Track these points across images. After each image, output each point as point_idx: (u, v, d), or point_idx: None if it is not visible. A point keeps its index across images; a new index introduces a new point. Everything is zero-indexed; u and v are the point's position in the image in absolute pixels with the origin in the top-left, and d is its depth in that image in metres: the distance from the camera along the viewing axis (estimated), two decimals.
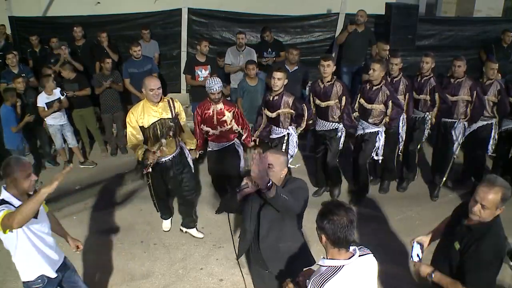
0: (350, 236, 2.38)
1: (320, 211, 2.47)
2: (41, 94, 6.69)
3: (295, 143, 5.79)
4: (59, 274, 3.43)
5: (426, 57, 6.02)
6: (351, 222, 2.38)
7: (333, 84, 5.70)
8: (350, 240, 2.41)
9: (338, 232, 2.36)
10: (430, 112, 6.15)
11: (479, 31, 8.71)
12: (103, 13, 8.67)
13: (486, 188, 2.76)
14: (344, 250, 2.44)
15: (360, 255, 2.48)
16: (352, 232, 2.39)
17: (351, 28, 7.93)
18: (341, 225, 2.35)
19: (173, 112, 4.92)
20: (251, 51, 7.66)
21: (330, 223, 2.37)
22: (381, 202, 6.29)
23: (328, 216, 2.39)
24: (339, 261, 2.42)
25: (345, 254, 2.44)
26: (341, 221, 2.36)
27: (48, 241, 3.32)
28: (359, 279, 2.46)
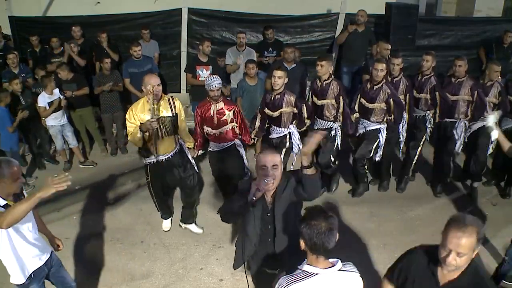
0: (327, 243, 2.34)
1: (301, 216, 2.48)
2: (42, 94, 6.67)
3: (298, 141, 5.79)
4: (44, 267, 3.49)
5: (427, 56, 6.03)
6: (330, 230, 2.34)
7: (330, 83, 5.71)
8: (328, 248, 2.36)
9: (315, 238, 2.34)
10: (430, 111, 6.15)
11: (479, 31, 8.72)
12: (103, 13, 8.67)
13: (458, 233, 2.25)
14: (323, 258, 2.39)
15: (341, 269, 2.42)
16: (329, 240, 2.34)
17: (351, 28, 7.94)
18: (317, 231, 2.33)
19: (173, 110, 4.92)
20: (251, 51, 7.67)
21: (307, 228, 2.36)
22: (381, 201, 6.29)
23: (307, 221, 2.38)
24: (315, 268, 2.39)
25: (323, 263, 2.40)
26: (318, 227, 2.33)
27: (32, 237, 3.35)
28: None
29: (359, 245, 5.38)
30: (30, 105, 6.74)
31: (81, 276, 4.85)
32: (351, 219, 5.86)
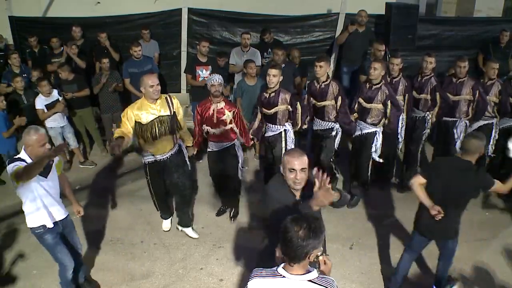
0: (298, 251, 2.27)
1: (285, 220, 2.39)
2: (39, 97, 6.63)
3: (292, 139, 5.80)
4: (59, 225, 4.08)
5: (430, 57, 6.02)
6: (305, 239, 2.25)
7: (329, 84, 5.71)
8: (296, 256, 2.29)
9: (287, 242, 2.29)
10: (430, 112, 6.15)
11: (479, 31, 8.71)
12: (103, 13, 8.66)
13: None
14: (296, 265, 2.33)
15: (312, 280, 2.34)
16: (301, 249, 2.26)
17: (351, 28, 7.94)
18: (291, 237, 2.27)
19: (171, 109, 4.93)
20: (255, 52, 7.66)
21: (283, 230, 2.32)
22: (380, 201, 6.29)
23: (287, 223, 2.32)
24: (284, 271, 2.37)
25: (295, 270, 2.35)
26: (294, 233, 2.27)
27: (53, 198, 3.98)
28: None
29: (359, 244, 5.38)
30: (32, 105, 6.72)
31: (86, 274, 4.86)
32: (351, 218, 5.88)
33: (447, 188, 3.93)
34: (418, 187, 4.06)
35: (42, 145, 3.71)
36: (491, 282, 4.81)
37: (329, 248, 4.96)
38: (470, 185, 3.98)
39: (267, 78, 5.53)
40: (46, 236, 3.99)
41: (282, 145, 5.73)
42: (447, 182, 3.94)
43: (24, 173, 3.52)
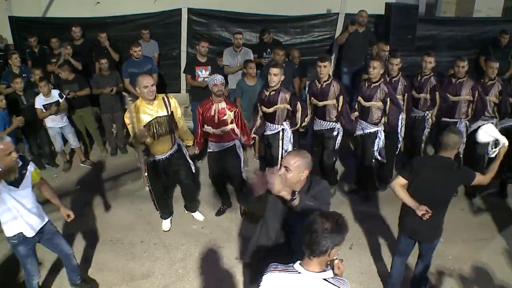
0: (316, 244, 2.29)
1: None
2: (39, 96, 6.65)
3: (290, 139, 5.81)
4: (35, 236, 4.00)
5: (429, 57, 6.04)
6: (328, 232, 2.28)
7: (330, 83, 5.73)
8: (315, 249, 2.30)
9: (308, 233, 2.32)
10: (430, 111, 6.16)
11: (478, 31, 8.71)
12: (103, 13, 8.65)
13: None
14: (314, 261, 2.34)
15: (327, 279, 2.35)
16: (320, 242, 2.28)
17: (352, 28, 7.94)
18: (314, 228, 2.30)
19: (168, 109, 4.94)
20: (248, 51, 7.67)
21: (308, 222, 2.35)
22: (380, 201, 6.29)
23: (314, 216, 2.35)
24: (301, 268, 2.38)
25: (312, 266, 2.36)
26: (317, 225, 2.30)
27: (27, 207, 3.87)
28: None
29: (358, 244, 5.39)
30: (32, 105, 6.73)
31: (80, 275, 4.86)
32: (351, 219, 5.88)
33: (429, 187, 3.88)
34: (399, 188, 4.00)
35: (7, 154, 3.57)
36: (490, 282, 4.82)
37: None
38: (452, 182, 3.97)
39: (268, 77, 5.55)
40: (19, 247, 3.97)
41: (279, 144, 5.75)
42: (429, 181, 3.89)
43: None
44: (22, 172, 3.80)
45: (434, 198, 3.89)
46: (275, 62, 6.84)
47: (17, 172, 3.72)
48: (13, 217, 3.83)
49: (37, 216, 4.00)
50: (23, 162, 3.82)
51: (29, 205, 3.90)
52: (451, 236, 5.55)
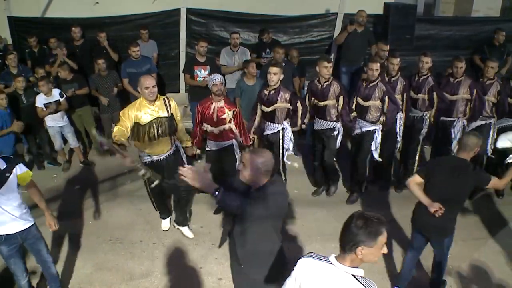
0: (344, 236, 2.33)
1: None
2: (39, 95, 6.69)
3: (290, 138, 5.82)
4: (17, 236, 3.92)
5: (426, 57, 6.05)
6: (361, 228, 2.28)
7: (331, 84, 5.75)
8: (343, 241, 2.34)
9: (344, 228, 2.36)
10: (428, 112, 6.18)
11: (477, 31, 8.73)
12: (102, 13, 8.67)
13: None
14: (347, 257, 2.35)
15: (355, 276, 2.34)
16: (347, 235, 2.31)
17: (350, 28, 7.95)
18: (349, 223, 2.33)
19: (169, 111, 4.95)
20: (245, 51, 7.70)
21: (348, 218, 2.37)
22: (380, 201, 6.32)
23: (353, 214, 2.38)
24: (335, 260, 2.40)
25: (345, 261, 2.36)
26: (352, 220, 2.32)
27: (6, 209, 3.76)
28: (325, 286, 2.40)
29: None
30: (32, 105, 6.75)
31: (80, 275, 4.88)
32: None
33: (444, 186, 3.98)
34: (414, 186, 4.10)
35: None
36: (489, 280, 4.85)
37: (327, 247, 5.02)
38: (467, 183, 4.03)
39: (267, 76, 5.57)
40: (1, 246, 3.92)
41: (280, 143, 5.76)
42: (444, 180, 3.99)
43: None
44: (5, 175, 3.68)
45: (447, 197, 3.97)
46: (276, 61, 6.87)
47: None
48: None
49: (19, 219, 3.89)
50: (7, 164, 3.71)
51: (9, 208, 3.79)
52: None
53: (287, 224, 5.81)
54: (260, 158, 3.02)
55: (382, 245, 2.32)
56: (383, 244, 2.32)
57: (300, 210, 6.06)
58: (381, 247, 2.32)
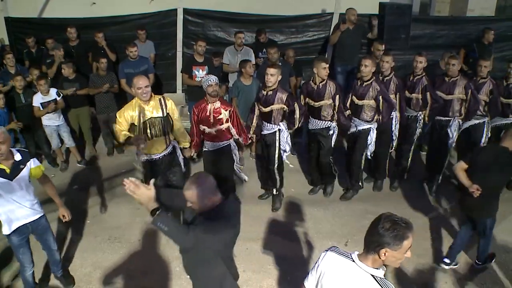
0: (369, 236, 2.38)
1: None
2: (37, 94, 6.71)
3: (286, 139, 5.86)
4: (28, 227, 4.16)
5: (420, 57, 6.10)
6: (387, 230, 2.30)
7: (326, 84, 5.79)
8: (367, 241, 2.39)
9: (369, 229, 2.41)
10: (422, 112, 6.24)
11: (472, 30, 8.78)
12: (99, 14, 8.69)
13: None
14: (370, 256, 2.38)
15: (374, 276, 2.38)
16: (372, 235, 2.36)
17: (343, 27, 7.95)
18: (375, 225, 2.36)
19: (164, 111, 4.97)
20: (249, 51, 7.72)
21: (375, 219, 2.40)
22: (375, 200, 6.37)
23: (381, 214, 2.41)
24: (356, 257, 2.45)
25: (367, 261, 2.40)
26: (378, 222, 2.36)
27: (17, 200, 3.98)
28: (344, 282, 2.45)
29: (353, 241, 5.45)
30: (30, 104, 6.77)
31: (78, 274, 4.91)
32: (346, 216, 5.95)
33: (484, 172, 4.42)
34: (459, 170, 4.60)
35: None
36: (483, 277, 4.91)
37: (324, 245, 5.03)
38: (506, 170, 4.48)
39: (265, 77, 5.60)
40: (12, 237, 4.12)
41: (276, 144, 5.81)
42: (486, 165, 4.44)
43: None
44: (20, 166, 3.94)
45: (487, 181, 4.40)
46: (270, 61, 6.91)
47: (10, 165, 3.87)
48: (4, 208, 3.98)
49: (30, 210, 4.11)
50: (22, 157, 3.97)
51: (20, 199, 4.01)
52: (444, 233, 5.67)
53: (284, 223, 5.86)
54: (197, 186, 2.89)
55: (406, 249, 2.33)
56: (407, 249, 2.33)
57: (297, 209, 6.11)
58: (405, 252, 2.33)
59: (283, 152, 5.88)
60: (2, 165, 3.84)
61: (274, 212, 6.09)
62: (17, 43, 8.66)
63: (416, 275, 4.91)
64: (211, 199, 2.92)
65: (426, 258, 5.15)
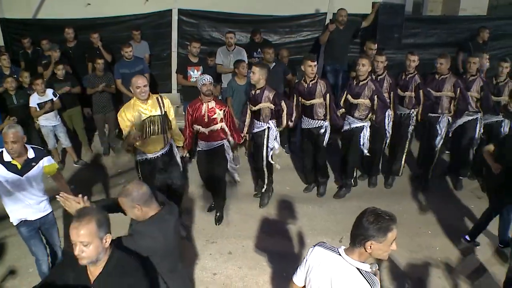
0: (353, 229, 2.46)
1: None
2: (33, 95, 6.75)
3: (275, 137, 5.93)
4: (37, 222, 4.32)
5: (412, 56, 6.19)
6: (368, 222, 2.38)
7: (317, 82, 5.87)
8: (353, 235, 2.45)
9: (355, 223, 2.47)
10: (415, 109, 6.32)
11: (464, 29, 8.86)
12: (94, 14, 8.69)
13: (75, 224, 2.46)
14: (356, 250, 2.46)
15: (360, 270, 2.45)
16: (357, 229, 2.43)
17: (332, 27, 7.98)
18: (360, 219, 2.43)
19: (162, 109, 5.03)
20: (241, 51, 7.76)
21: (360, 214, 2.47)
22: (370, 196, 6.44)
23: (366, 209, 2.48)
24: (343, 251, 2.53)
25: (353, 254, 2.47)
26: (362, 217, 2.44)
27: (26, 195, 4.15)
28: (332, 276, 2.50)
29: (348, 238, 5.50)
30: (22, 106, 6.79)
31: None
32: (341, 213, 6.02)
33: (508, 155, 4.78)
34: (487, 152, 5.04)
35: (7, 141, 3.91)
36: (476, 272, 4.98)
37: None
38: None
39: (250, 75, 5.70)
40: (21, 228, 4.29)
41: (264, 142, 5.87)
42: (510, 150, 4.81)
43: None
44: (32, 164, 4.10)
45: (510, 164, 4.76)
46: (266, 61, 6.98)
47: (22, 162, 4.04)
48: (11, 203, 4.16)
49: (37, 207, 4.27)
50: (35, 154, 4.13)
51: (29, 195, 4.17)
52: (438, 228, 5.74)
53: (280, 220, 5.93)
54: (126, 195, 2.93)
55: (391, 241, 2.39)
56: (392, 241, 2.39)
57: (291, 207, 6.18)
58: (390, 244, 2.40)
59: (271, 150, 5.95)
60: (14, 161, 4.01)
61: (261, 208, 6.18)
62: (12, 44, 8.65)
63: (410, 270, 4.99)
64: (141, 208, 2.94)
65: (420, 253, 5.23)
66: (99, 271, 2.54)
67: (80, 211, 2.59)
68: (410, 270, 4.99)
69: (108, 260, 2.55)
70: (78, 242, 2.44)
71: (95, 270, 2.55)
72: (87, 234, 2.43)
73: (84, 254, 2.45)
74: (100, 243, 2.49)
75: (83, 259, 2.46)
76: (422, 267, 5.01)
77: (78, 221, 2.46)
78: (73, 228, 2.45)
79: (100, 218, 2.52)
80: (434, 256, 5.19)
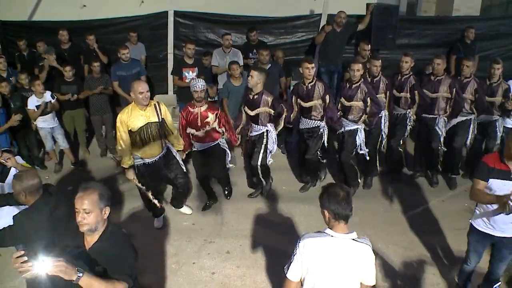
0: (346, 209, 2.69)
1: (321, 193, 2.82)
2: (31, 97, 6.78)
3: (274, 140, 5.99)
4: None
5: (406, 57, 6.27)
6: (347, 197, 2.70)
7: (315, 84, 5.93)
8: (347, 214, 2.70)
9: (336, 204, 2.68)
10: (411, 109, 6.40)
11: (457, 29, 8.94)
12: (90, 16, 8.72)
13: (80, 193, 2.77)
14: (343, 224, 2.71)
15: (355, 239, 2.71)
16: (348, 207, 2.69)
17: (328, 28, 8.05)
18: (337, 199, 2.67)
19: (159, 116, 5.07)
20: (237, 52, 7.81)
21: (328, 197, 2.71)
22: (366, 196, 6.50)
23: (327, 191, 2.73)
24: (332, 232, 2.71)
25: (342, 229, 2.72)
26: (337, 196, 2.68)
27: None
28: (335, 256, 2.68)
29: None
30: (19, 108, 6.81)
31: None
32: None
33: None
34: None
35: None
36: None
37: None
38: None
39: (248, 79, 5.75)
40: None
41: (263, 143, 5.93)
42: None
43: None
44: (9, 168, 4.38)
45: None
46: (261, 62, 7.03)
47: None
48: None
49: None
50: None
51: None
52: (432, 226, 5.81)
53: (276, 219, 5.98)
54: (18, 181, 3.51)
55: None
56: None
57: (288, 206, 6.23)
58: None
59: (270, 153, 6.01)
60: None
61: (250, 198, 6.38)
62: (8, 46, 8.67)
63: (404, 267, 5.04)
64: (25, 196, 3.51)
65: (414, 250, 5.29)
66: (95, 240, 2.83)
67: (85, 184, 2.90)
68: (404, 267, 5.05)
69: (103, 231, 2.85)
70: (81, 210, 2.74)
71: (92, 240, 2.83)
72: (89, 203, 2.75)
73: (85, 221, 2.74)
74: (100, 213, 2.79)
75: (84, 225, 2.75)
76: (416, 264, 5.07)
77: (83, 191, 2.79)
78: (78, 198, 2.77)
79: (102, 192, 2.84)
80: (428, 254, 5.25)
